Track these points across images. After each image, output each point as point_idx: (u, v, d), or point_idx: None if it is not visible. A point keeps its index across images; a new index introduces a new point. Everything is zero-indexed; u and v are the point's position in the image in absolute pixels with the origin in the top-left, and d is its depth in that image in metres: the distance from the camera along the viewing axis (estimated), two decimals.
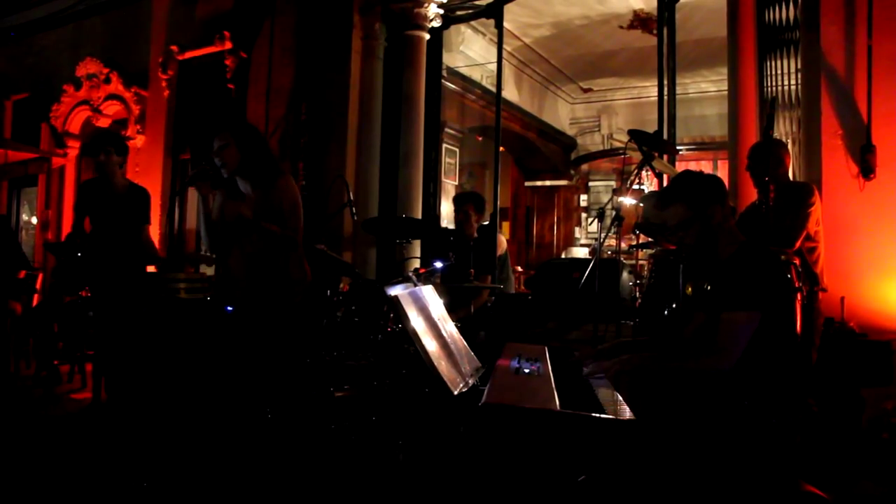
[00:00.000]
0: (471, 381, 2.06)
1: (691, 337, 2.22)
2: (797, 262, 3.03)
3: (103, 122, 7.87)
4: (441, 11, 6.07)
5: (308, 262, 3.31)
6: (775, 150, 3.42)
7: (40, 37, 8.60)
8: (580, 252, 9.83)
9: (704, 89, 9.55)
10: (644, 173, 4.64)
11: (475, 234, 4.52)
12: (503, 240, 4.77)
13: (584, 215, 10.90)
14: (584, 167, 10.98)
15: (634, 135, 3.91)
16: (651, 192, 5.14)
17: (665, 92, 5.03)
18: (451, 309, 3.48)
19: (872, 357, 3.43)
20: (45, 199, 8.57)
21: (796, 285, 2.89)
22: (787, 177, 3.46)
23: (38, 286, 6.45)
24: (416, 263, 5.02)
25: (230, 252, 3.20)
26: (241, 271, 3.19)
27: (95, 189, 4.32)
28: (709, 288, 2.21)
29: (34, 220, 9.19)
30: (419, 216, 5.95)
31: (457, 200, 4.65)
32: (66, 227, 8.18)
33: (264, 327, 3.12)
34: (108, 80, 7.71)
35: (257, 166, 3.11)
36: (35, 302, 6.33)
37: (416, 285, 2.50)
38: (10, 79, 8.98)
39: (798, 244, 3.21)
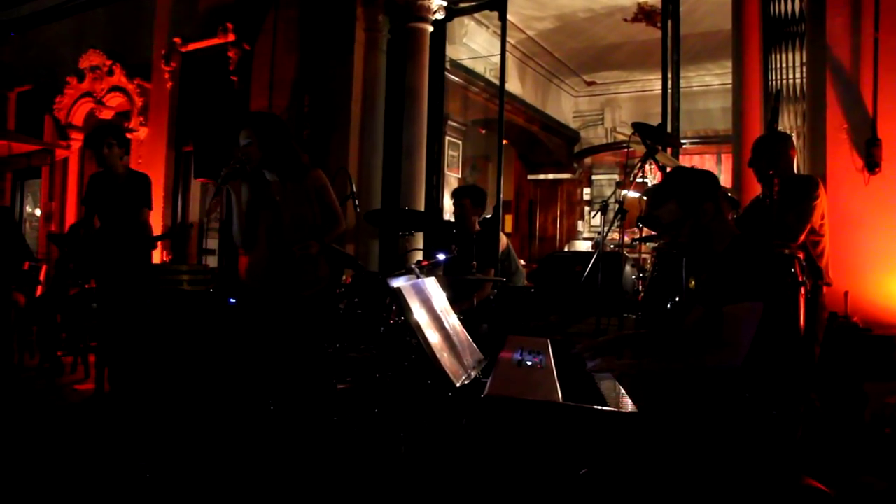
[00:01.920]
0: (473, 374, 2.06)
1: (691, 329, 2.21)
2: (801, 256, 3.01)
3: (106, 114, 7.87)
4: (444, 3, 6.04)
5: None
6: (780, 144, 3.39)
7: (44, 29, 8.59)
8: (583, 245, 9.80)
9: (708, 83, 9.49)
10: (647, 167, 4.61)
11: (476, 228, 4.49)
12: (503, 236, 4.75)
13: (587, 209, 10.86)
14: (588, 160, 10.94)
15: (638, 128, 3.89)
16: (654, 186, 5.11)
17: (669, 85, 5.01)
18: (454, 301, 3.48)
19: (876, 352, 3.42)
20: (49, 190, 8.59)
21: (800, 279, 2.87)
22: (792, 170, 3.43)
23: (41, 277, 6.46)
24: (419, 256, 5.01)
25: (255, 244, 3.19)
26: (263, 263, 3.17)
27: (101, 182, 4.34)
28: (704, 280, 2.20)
29: (38, 212, 9.21)
30: (422, 208, 5.94)
31: (455, 194, 4.63)
32: (70, 219, 8.20)
33: (279, 320, 3.11)
34: (111, 72, 7.71)
35: (281, 159, 3.14)
36: (38, 293, 6.35)
37: (418, 277, 2.49)
38: (13, 71, 8.99)
39: (802, 238, 3.18)
